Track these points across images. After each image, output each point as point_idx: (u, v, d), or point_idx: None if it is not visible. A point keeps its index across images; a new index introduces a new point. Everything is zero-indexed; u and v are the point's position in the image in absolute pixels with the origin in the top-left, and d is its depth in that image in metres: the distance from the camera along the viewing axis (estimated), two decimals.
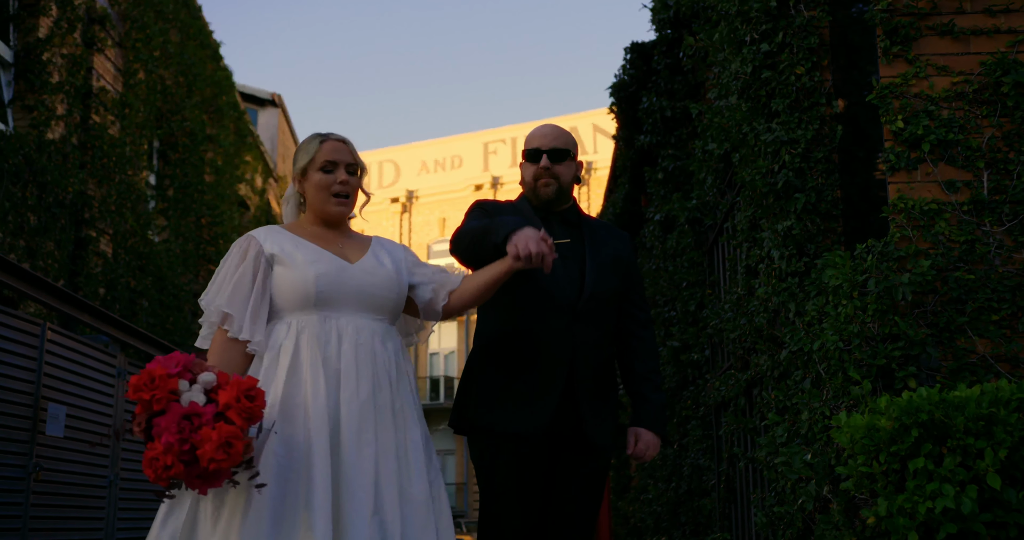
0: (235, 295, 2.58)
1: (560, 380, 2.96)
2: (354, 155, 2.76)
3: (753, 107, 4.12)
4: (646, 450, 3.14)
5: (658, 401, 3.17)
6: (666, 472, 6.95)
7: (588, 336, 3.02)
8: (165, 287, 10.92)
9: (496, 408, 2.98)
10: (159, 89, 11.23)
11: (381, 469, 2.50)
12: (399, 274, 2.72)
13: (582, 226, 3.17)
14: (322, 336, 2.54)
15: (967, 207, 3.47)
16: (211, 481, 2.23)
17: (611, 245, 3.16)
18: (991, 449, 2.76)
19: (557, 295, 2.99)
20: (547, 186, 3.10)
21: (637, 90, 7.26)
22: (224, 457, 2.17)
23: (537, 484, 2.99)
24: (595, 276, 3.05)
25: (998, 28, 3.58)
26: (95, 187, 9.50)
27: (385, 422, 2.56)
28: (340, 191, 2.70)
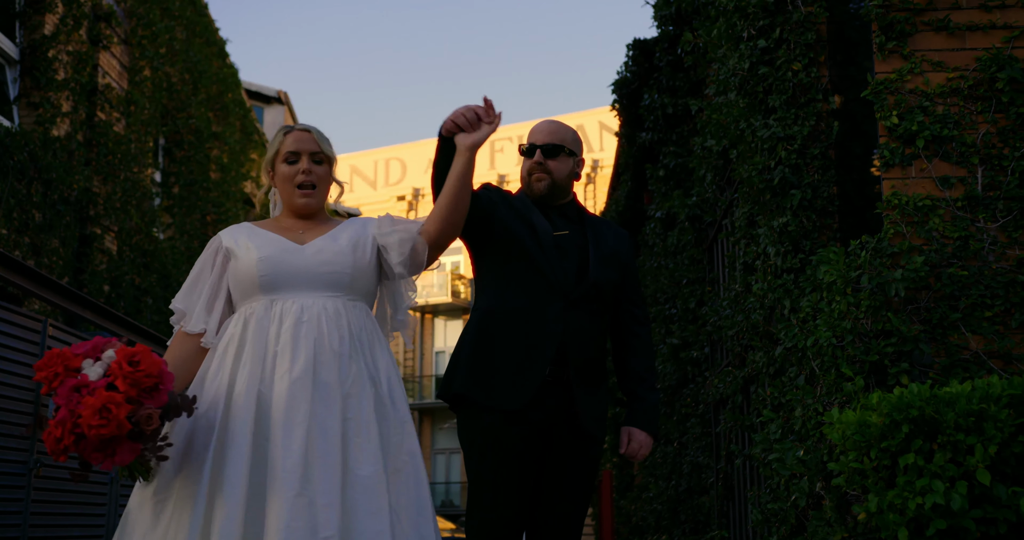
0: (188, 291, 2.63)
1: (546, 359, 2.97)
2: (320, 144, 2.69)
3: (750, 103, 4.12)
4: (639, 449, 3.15)
5: (652, 400, 3.18)
6: (666, 470, 6.95)
7: (581, 323, 3.04)
8: (170, 284, 10.95)
9: (481, 381, 3.00)
10: (165, 86, 11.27)
11: (313, 448, 2.37)
12: (356, 249, 2.62)
13: (583, 221, 3.19)
14: (264, 321, 2.51)
15: (961, 203, 3.47)
16: (109, 453, 2.18)
17: (611, 241, 3.18)
18: (981, 445, 2.75)
19: (553, 280, 3.02)
20: (539, 181, 3.12)
21: (639, 87, 7.26)
22: (103, 423, 2.11)
23: (524, 468, 2.98)
24: (593, 266, 3.07)
25: (993, 24, 3.57)
26: (100, 184, 9.53)
27: (326, 399, 2.43)
28: (303, 182, 2.64)
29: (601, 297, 3.11)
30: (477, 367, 3.03)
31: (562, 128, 3.19)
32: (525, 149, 3.16)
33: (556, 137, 3.14)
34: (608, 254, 3.13)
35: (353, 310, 2.58)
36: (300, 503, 2.30)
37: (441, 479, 34.64)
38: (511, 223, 3.09)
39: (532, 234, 3.07)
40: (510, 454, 2.96)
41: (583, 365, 3.03)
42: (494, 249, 3.11)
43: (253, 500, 2.34)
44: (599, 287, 3.08)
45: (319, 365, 2.46)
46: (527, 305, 3.02)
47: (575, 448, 3.05)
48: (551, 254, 3.05)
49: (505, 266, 3.08)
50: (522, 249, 3.05)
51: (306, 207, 2.66)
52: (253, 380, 2.44)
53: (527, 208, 3.13)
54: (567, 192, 3.19)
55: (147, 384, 2.20)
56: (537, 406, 2.98)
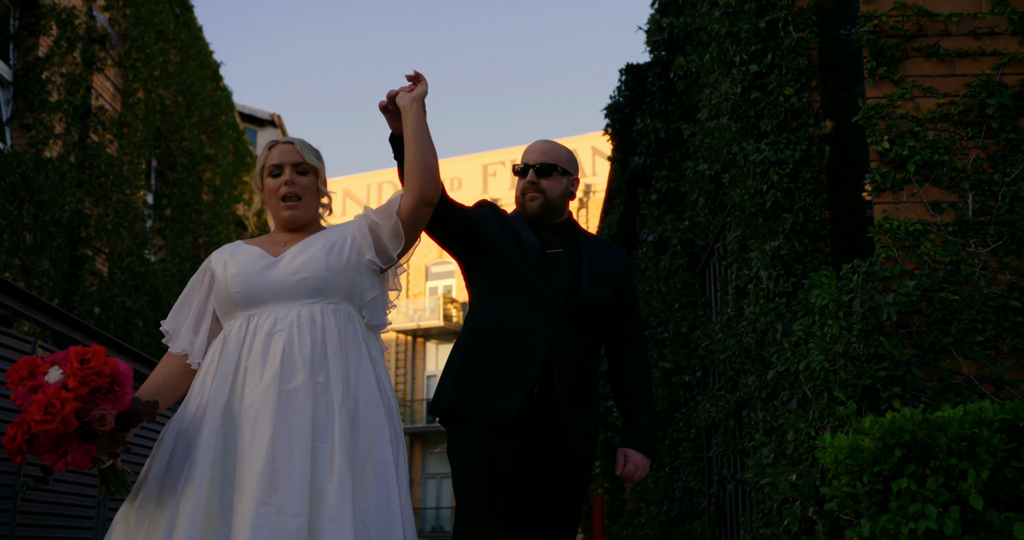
0: (176, 311, 2.64)
1: (533, 373, 2.96)
2: (303, 154, 2.65)
3: (743, 127, 4.14)
4: (635, 471, 3.12)
5: (647, 421, 3.15)
6: (658, 495, 6.92)
7: (570, 340, 3.03)
8: (161, 307, 10.92)
9: (469, 395, 3.00)
10: (158, 108, 11.28)
11: (279, 456, 2.32)
12: (331, 251, 2.57)
13: (578, 240, 3.19)
14: (240, 336, 2.49)
15: (952, 228, 3.48)
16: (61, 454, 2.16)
17: (606, 259, 3.18)
18: (974, 470, 2.75)
19: (541, 295, 3.03)
20: (532, 200, 3.13)
21: (632, 111, 7.30)
22: (47, 419, 2.10)
23: (511, 482, 2.96)
24: (585, 283, 3.07)
25: (983, 50, 3.60)
26: (92, 206, 9.52)
27: (294, 406, 2.38)
28: (287, 193, 2.62)
29: (593, 315, 3.10)
30: (465, 381, 3.03)
31: (555, 147, 3.20)
32: (519, 169, 3.17)
33: (549, 156, 3.15)
34: (602, 272, 3.13)
35: (333, 314, 2.52)
36: (265, 512, 2.26)
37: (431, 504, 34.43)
38: (500, 239, 3.10)
39: (520, 249, 3.08)
40: (497, 468, 2.95)
41: (572, 381, 3.02)
42: (483, 264, 3.12)
43: (223, 517, 2.31)
44: (591, 304, 3.07)
45: (287, 373, 2.42)
46: (515, 320, 3.02)
47: (563, 465, 3.03)
48: (539, 269, 3.06)
49: (494, 281, 3.09)
50: (509, 264, 3.06)
51: (291, 219, 2.63)
52: (219, 397, 2.41)
53: (518, 224, 3.15)
54: (562, 211, 3.19)
55: (97, 382, 2.17)
56: (524, 421, 2.97)
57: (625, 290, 3.22)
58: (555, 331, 3.01)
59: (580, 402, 3.05)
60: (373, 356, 2.56)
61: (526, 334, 3.01)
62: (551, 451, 3.02)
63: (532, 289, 3.04)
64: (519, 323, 3.02)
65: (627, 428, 3.17)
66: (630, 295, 3.24)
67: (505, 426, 2.95)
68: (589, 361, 3.10)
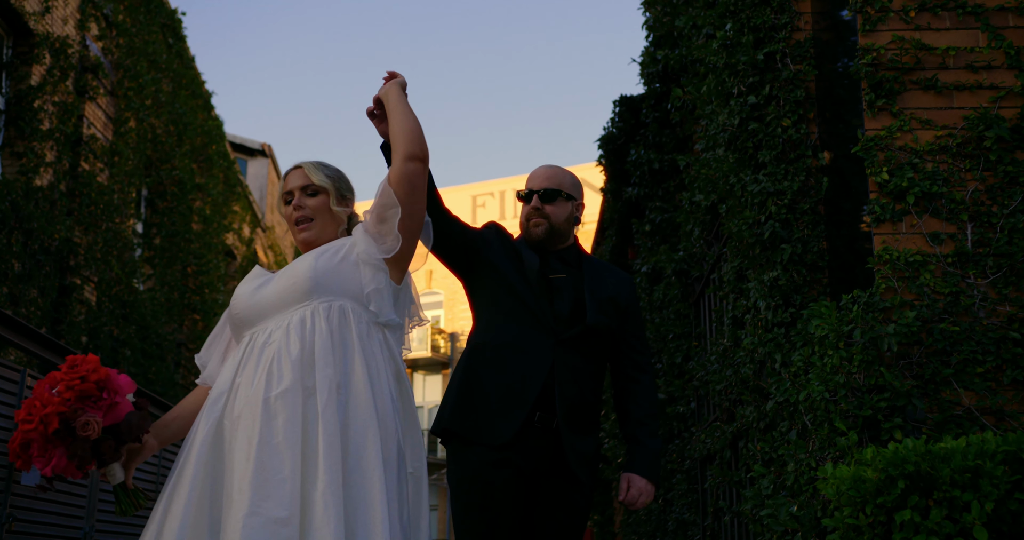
0: (208, 344, 2.65)
1: (532, 394, 2.94)
2: (310, 176, 2.62)
3: (740, 158, 4.15)
4: (638, 496, 3.07)
5: (653, 447, 3.11)
6: (650, 528, 6.87)
7: (571, 363, 3.01)
8: (148, 336, 10.85)
9: (467, 415, 2.99)
10: (149, 137, 11.27)
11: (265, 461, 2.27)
12: (323, 253, 2.51)
13: (582, 265, 3.18)
14: (239, 355, 2.47)
15: (951, 259, 3.49)
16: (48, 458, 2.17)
17: (610, 285, 3.16)
18: (977, 502, 2.73)
19: (540, 316, 3.01)
20: (537, 226, 3.12)
21: (625, 143, 7.33)
22: (28, 419, 2.12)
23: (508, 506, 2.93)
24: (589, 310, 3.05)
25: (980, 84, 3.63)
26: (81, 234, 9.47)
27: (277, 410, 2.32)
28: (298, 217, 2.60)
29: (597, 340, 3.08)
30: (464, 401, 3.02)
31: (560, 172, 3.20)
32: (523, 194, 3.17)
33: (553, 181, 3.15)
34: (605, 298, 3.11)
35: (324, 314, 2.44)
36: (253, 522, 2.20)
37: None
38: (500, 260, 3.09)
39: (520, 271, 3.08)
40: (493, 493, 2.92)
41: (573, 406, 2.99)
42: (484, 285, 3.12)
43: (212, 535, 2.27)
44: (594, 331, 3.06)
45: (273, 380, 2.36)
46: (514, 340, 3.01)
47: (563, 492, 3.00)
48: (540, 292, 3.05)
49: (494, 302, 3.09)
50: (509, 285, 3.05)
51: (305, 242, 2.61)
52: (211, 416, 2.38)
53: (522, 247, 3.15)
54: (567, 236, 3.18)
55: (82, 387, 2.17)
56: (522, 446, 2.94)
57: (630, 316, 3.19)
58: (556, 354, 2.99)
59: (581, 428, 3.02)
60: (368, 355, 2.44)
61: (527, 356, 2.99)
62: (551, 477, 2.99)
63: (533, 311, 3.02)
64: (520, 344, 3.01)
65: (631, 453, 3.13)
66: (636, 321, 3.21)
67: (503, 450, 2.93)
68: (591, 387, 3.07)
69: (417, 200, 2.53)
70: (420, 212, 2.56)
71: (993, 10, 3.69)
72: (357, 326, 2.47)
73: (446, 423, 3.04)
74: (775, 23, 4.14)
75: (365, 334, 2.47)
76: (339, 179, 2.68)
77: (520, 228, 3.19)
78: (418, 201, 2.53)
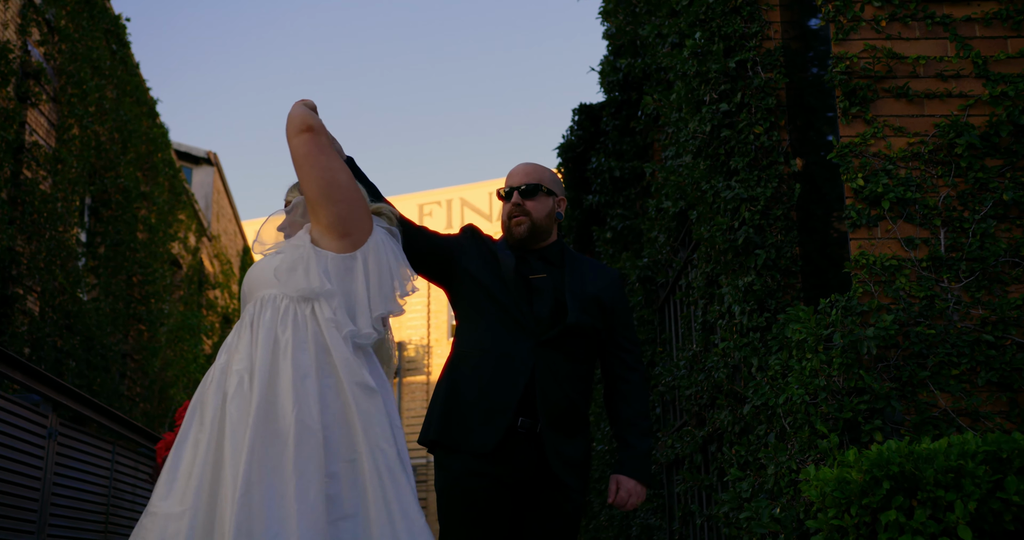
0: None
1: (514, 399, 2.92)
2: (287, 195, 2.76)
3: (712, 165, 4.19)
4: (627, 498, 3.06)
5: (643, 448, 3.09)
6: (612, 533, 6.88)
7: (554, 365, 2.99)
8: (93, 347, 10.60)
9: (451, 423, 2.97)
10: (93, 145, 11.04)
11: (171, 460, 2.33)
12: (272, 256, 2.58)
13: (564, 264, 3.15)
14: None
15: (926, 264, 3.56)
16: None
17: (594, 283, 3.13)
18: (960, 501, 2.78)
19: (519, 318, 2.99)
20: (519, 224, 3.10)
21: (585, 150, 7.36)
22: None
23: (491, 514, 2.91)
24: (571, 309, 3.03)
25: (950, 92, 3.72)
26: (24, 243, 9.24)
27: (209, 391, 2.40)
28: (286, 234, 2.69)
29: (581, 340, 3.06)
30: (448, 411, 3.00)
31: (538, 168, 3.18)
32: (503, 193, 3.14)
33: (532, 177, 3.13)
34: (589, 297, 3.08)
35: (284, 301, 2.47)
36: (145, 521, 2.27)
37: None
38: (476, 264, 3.08)
39: (497, 274, 3.06)
40: (475, 502, 2.90)
41: (558, 408, 2.97)
42: (462, 290, 3.10)
43: None
44: (576, 331, 3.03)
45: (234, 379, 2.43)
46: (494, 345, 2.99)
47: (551, 499, 2.98)
48: (518, 293, 3.03)
49: (473, 307, 3.07)
50: (486, 290, 3.04)
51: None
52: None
53: (499, 249, 3.12)
54: (548, 233, 3.15)
55: None
56: (506, 454, 2.93)
57: (617, 314, 3.16)
58: (537, 357, 2.97)
59: (567, 430, 2.99)
60: (281, 342, 2.40)
61: (507, 359, 2.97)
62: (538, 484, 2.97)
63: (512, 314, 3.00)
64: (500, 349, 2.98)
65: (621, 454, 3.11)
66: (623, 319, 3.18)
67: (487, 458, 2.91)
68: (577, 388, 3.04)
69: (307, 171, 2.51)
70: (319, 179, 2.52)
71: (960, 21, 3.78)
72: (284, 311, 2.44)
73: (432, 434, 3.01)
74: (745, 32, 4.20)
75: (280, 319, 2.43)
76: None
77: (502, 228, 3.16)
78: (309, 171, 2.51)
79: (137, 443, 8.58)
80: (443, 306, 24.77)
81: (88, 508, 7.05)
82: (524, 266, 3.10)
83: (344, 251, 2.51)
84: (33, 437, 6.34)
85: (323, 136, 2.55)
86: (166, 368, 12.90)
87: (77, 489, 6.89)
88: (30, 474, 6.26)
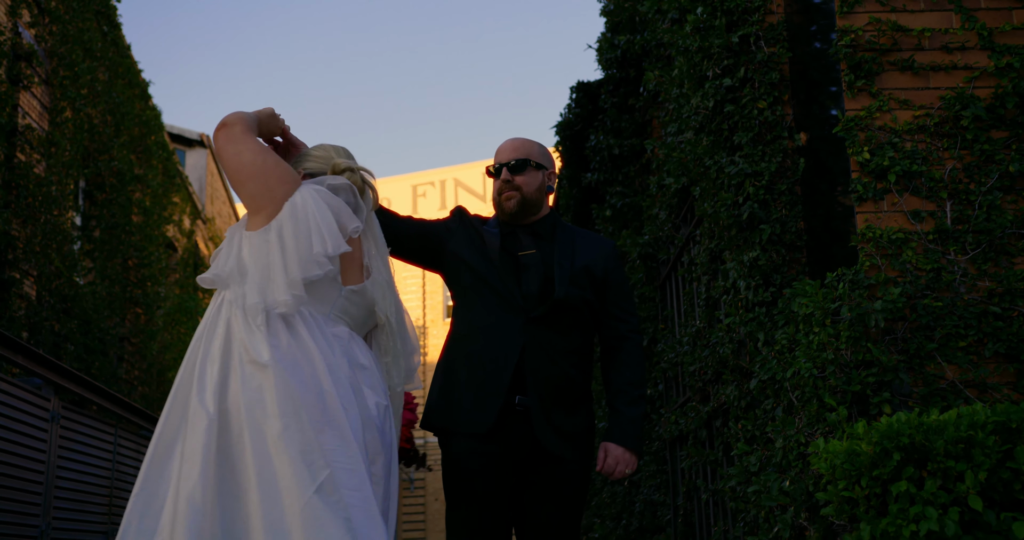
0: None
1: (506, 378, 2.94)
2: None
3: (715, 141, 4.18)
4: (615, 465, 3.03)
5: (630, 414, 3.06)
6: (615, 510, 6.92)
7: (546, 341, 2.99)
8: (91, 330, 10.59)
9: (449, 405, 3.01)
10: (86, 128, 10.98)
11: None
12: None
13: (555, 237, 3.14)
14: None
15: (932, 236, 3.56)
16: None
17: (585, 254, 3.13)
18: (971, 471, 2.80)
19: (507, 296, 3.00)
20: (509, 199, 3.10)
21: (583, 128, 7.34)
22: None
23: (492, 498, 2.94)
24: (558, 284, 3.03)
25: (955, 64, 3.71)
26: (19, 227, 9.20)
27: None
28: None
29: (573, 314, 3.05)
30: (445, 393, 3.03)
31: (526, 143, 3.18)
32: (492, 170, 3.15)
33: (521, 152, 3.13)
34: (579, 268, 3.08)
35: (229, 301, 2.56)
36: None
37: None
38: (464, 248, 3.10)
39: (484, 253, 3.07)
40: (474, 478, 2.93)
41: (552, 384, 2.97)
42: (453, 274, 3.13)
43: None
44: (565, 305, 3.03)
45: None
46: (485, 325, 3.01)
47: (548, 474, 2.99)
48: (504, 271, 3.03)
49: (464, 289, 3.10)
50: (474, 271, 3.05)
51: None
52: None
53: (486, 227, 3.14)
54: (539, 206, 3.15)
55: None
56: (505, 431, 2.94)
57: (611, 284, 3.15)
58: (527, 334, 2.97)
59: (566, 406, 3.00)
60: (201, 332, 2.46)
61: (498, 339, 2.98)
62: (536, 460, 2.98)
63: (500, 293, 3.01)
64: (491, 329, 3.00)
65: (610, 422, 3.10)
66: (618, 288, 3.16)
67: (484, 438, 2.93)
68: (572, 362, 3.04)
69: (222, 163, 2.58)
70: (228, 167, 2.57)
71: None
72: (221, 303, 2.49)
73: (433, 418, 3.05)
74: (748, 6, 4.18)
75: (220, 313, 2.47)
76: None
77: (494, 205, 3.16)
78: (222, 163, 2.58)
79: (139, 426, 8.59)
80: (438, 287, 24.78)
81: (92, 490, 7.07)
82: (514, 243, 3.11)
83: (259, 226, 2.51)
84: (36, 420, 6.34)
85: (236, 126, 2.58)
86: (164, 351, 12.89)
87: (81, 471, 6.90)
88: (34, 457, 6.26)
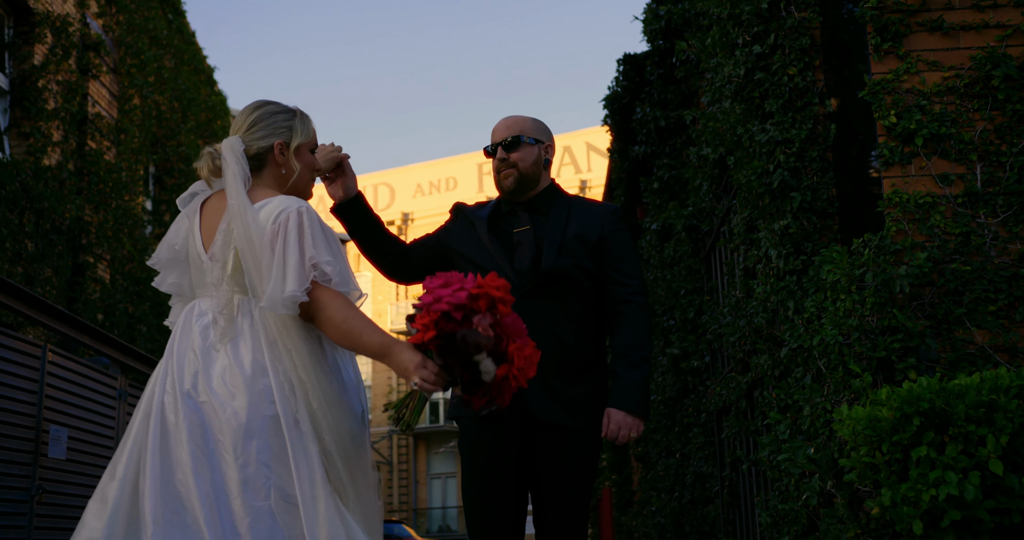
0: None
1: None
2: None
3: (747, 109, 4.15)
4: (617, 430, 3.01)
5: (631, 378, 3.03)
6: (668, 482, 6.94)
7: (543, 314, 3.02)
8: (163, 312, 10.92)
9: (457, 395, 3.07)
10: (154, 114, 11.28)
11: None
12: None
13: (551, 210, 3.17)
14: None
15: (961, 200, 3.50)
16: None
17: (580, 222, 3.13)
18: (992, 435, 2.76)
19: (504, 276, 3.01)
20: (507, 177, 3.16)
21: (631, 101, 7.31)
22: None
23: (499, 475, 3.02)
24: (545, 255, 3.06)
25: (986, 23, 3.62)
26: (92, 213, 9.52)
27: None
28: None
29: (569, 284, 3.07)
30: None
31: (519, 119, 3.21)
32: (489, 150, 3.22)
33: (513, 129, 3.18)
34: (571, 237, 3.09)
35: None
36: None
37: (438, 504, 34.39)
38: (460, 240, 3.19)
39: (476, 238, 3.15)
40: (479, 461, 3.03)
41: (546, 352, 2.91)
42: (457, 269, 3.18)
43: None
44: (556, 276, 3.05)
45: None
46: None
47: (552, 444, 3.02)
48: (496, 250, 3.09)
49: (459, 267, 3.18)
50: (469, 258, 3.13)
51: None
52: None
53: (480, 213, 3.22)
54: (538, 180, 3.19)
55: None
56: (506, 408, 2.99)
57: (608, 248, 3.14)
58: (522, 308, 2.93)
59: (569, 374, 3.03)
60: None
61: None
62: (534, 432, 3.03)
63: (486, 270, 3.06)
64: None
65: (613, 386, 3.09)
66: (617, 252, 3.14)
67: (484, 420, 3.01)
68: (573, 330, 3.05)
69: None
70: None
71: None
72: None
73: (449, 410, 3.21)
74: None
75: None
76: None
77: (495, 185, 3.23)
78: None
79: None
80: None
81: None
82: (512, 221, 3.17)
83: None
84: (105, 398, 6.60)
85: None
86: None
87: None
88: (104, 434, 6.52)
